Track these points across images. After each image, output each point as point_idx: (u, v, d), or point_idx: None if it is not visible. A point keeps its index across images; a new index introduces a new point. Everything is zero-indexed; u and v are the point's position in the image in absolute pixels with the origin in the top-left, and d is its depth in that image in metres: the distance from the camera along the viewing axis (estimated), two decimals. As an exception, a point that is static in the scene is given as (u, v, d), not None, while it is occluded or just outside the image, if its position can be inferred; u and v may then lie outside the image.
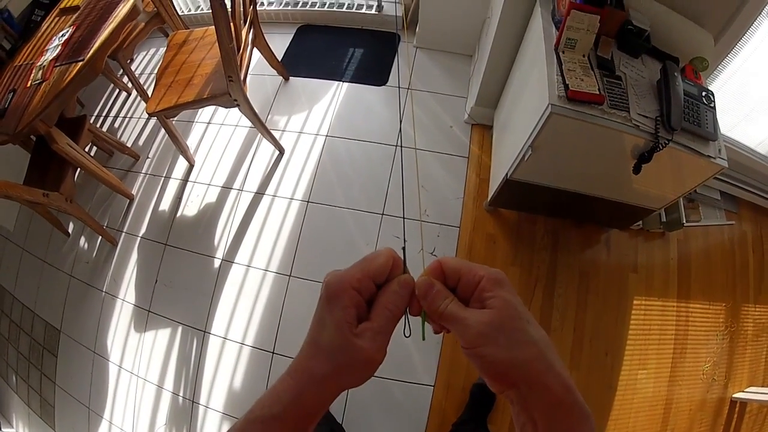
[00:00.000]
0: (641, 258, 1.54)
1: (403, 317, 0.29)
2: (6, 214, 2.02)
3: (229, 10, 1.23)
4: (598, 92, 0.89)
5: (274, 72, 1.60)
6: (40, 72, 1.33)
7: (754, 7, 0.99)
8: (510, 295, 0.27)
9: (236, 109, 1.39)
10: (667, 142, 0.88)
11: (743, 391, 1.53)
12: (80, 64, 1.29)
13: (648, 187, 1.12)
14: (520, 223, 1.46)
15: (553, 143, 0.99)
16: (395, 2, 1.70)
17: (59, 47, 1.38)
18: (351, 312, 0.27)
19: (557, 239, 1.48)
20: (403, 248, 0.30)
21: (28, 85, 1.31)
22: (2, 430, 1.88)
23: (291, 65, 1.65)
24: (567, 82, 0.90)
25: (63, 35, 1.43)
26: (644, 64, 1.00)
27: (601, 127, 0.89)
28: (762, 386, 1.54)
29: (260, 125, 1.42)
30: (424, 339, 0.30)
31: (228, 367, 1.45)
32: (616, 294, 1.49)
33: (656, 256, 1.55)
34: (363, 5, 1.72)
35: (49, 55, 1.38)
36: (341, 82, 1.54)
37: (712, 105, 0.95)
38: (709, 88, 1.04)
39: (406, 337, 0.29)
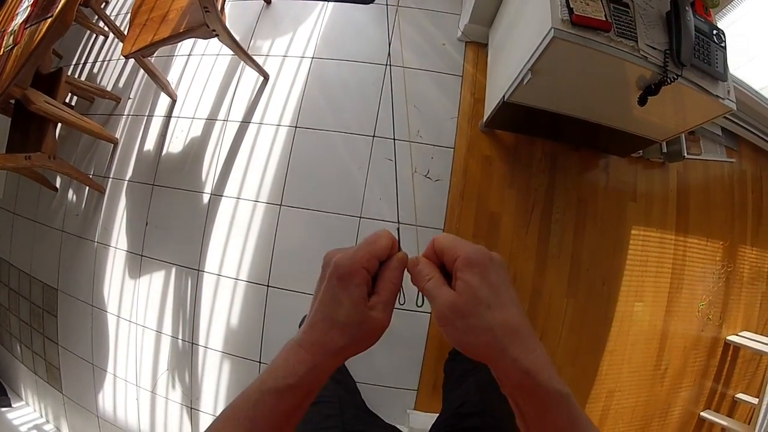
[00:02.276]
0: (640, 187, 1.50)
1: None
2: None
3: None
4: (604, 18, 0.84)
5: (254, -3, 1.52)
6: (12, 38, 1.27)
7: None
8: (477, 279, 0.28)
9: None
10: (676, 76, 0.84)
11: (737, 335, 1.53)
12: (49, 20, 1.22)
13: (651, 119, 1.07)
14: (518, 145, 1.41)
15: (555, 68, 0.94)
16: None
17: (29, 9, 1.31)
18: (364, 289, 0.30)
19: (555, 162, 1.43)
20: (398, 230, 0.35)
21: (1, 53, 1.25)
22: (13, 405, 1.90)
23: (272, -13, 1.56)
24: (571, 6, 0.83)
25: None
26: None
27: (607, 56, 0.85)
28: (756, 333, 1.54)
29: (242, 53, 1.35)
30: (420, 306, 0.34)
31: (224, 305, 1.43)
32: (614, 222, 1.46)
33: (655, 186, 1.52)
34: None
35: (20, 18, 1.31)
36: (327, 2, 1.46)
37: (723, 44, 0.91)
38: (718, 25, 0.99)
39: (401, 304, 0.32)
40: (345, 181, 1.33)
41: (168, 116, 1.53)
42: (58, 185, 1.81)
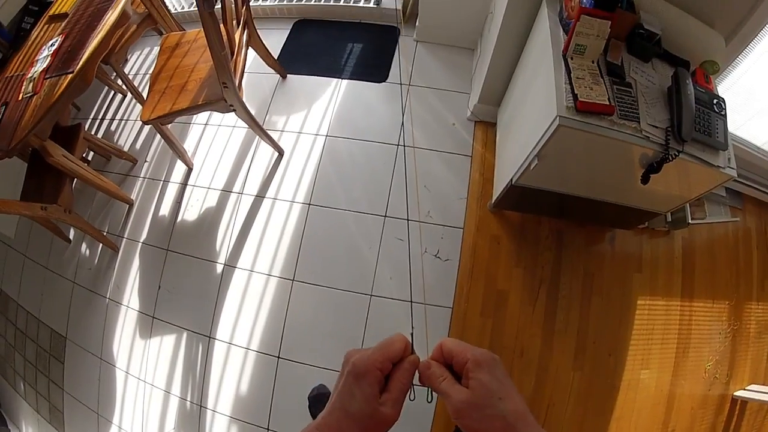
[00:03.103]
0: (645, 257, 1.52)
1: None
2: (6, 221, 2.01)
3: (221, 13, 1.19)
4: (608, 102, 0.86)
5: (271, 70, 1.56)
6: (31, 84, 1.29)
7: (766, 8, 0.95)
8: (488, 377, 0.33)
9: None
10: (677, 153, 0.86)
11: (744, 389, 1.53)
12: (70, 76, 1.26)
13: (655, 192, 1.10)
14: (525, 224, 1.44)
15: (560, 153, 0.97)
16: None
17: (49, 58, 1.34)
18: (376, 387, 0.34)
19: (562, 239, 1.46)
20: (412, 334, 0.38)
21: (20, 98, 1.27)
22: None
23: (288, 62, 1.61)
24: (576, 92, 0.86)
25: (52, 45, 1.40)
26: (655, 69, 0.97)
27: (610, 139, 0.87)
28: (763, 384, 1.55)
29: (258, 128, 1.39)
30: (429, 401, 0.38)
31: (234, 372, 1.45)
32: (620, 294, 1.48)
33: (660, 254, 1.54)
34: (361, -2, 1.67)
35: (39, 66, 1.34)
36: (340, 79, 1.50)
37: (723, 113, 0.93)
38: (719, 88, 1.01)
39: (411, 400, 0.36)
40: (356, 259, 1.36)
41: (184, 184, 1.57)
42: (71, 237, 1.83)
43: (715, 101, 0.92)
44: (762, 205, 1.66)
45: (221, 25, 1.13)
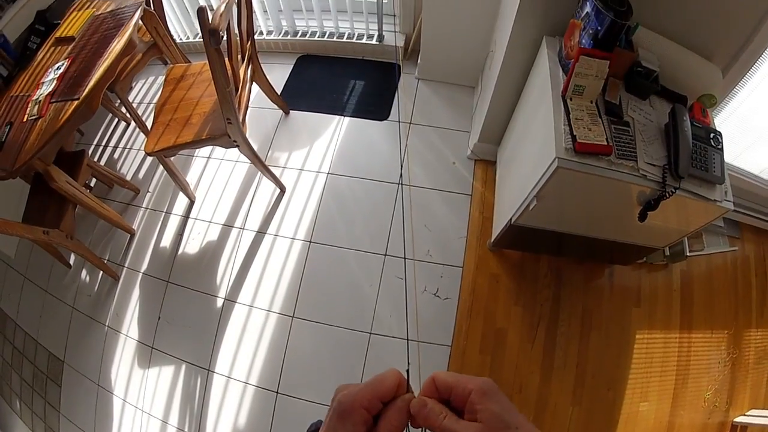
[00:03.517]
0: (644, 291, 1.53)
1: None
2: (6, 241, 2.01)
3: (226, 49, 1.21)
4: (606, 142, 0.87)
5: (274, 106, 1.58)
6: (36, 107, 1.30)
7: (762, 38, 0.96)
8: (497, 406, 0.30)
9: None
10: (674, 190, 0.87)
11: (744, 415, 1.53)
12: (76, 102, 1.26)
13: (653, 228, 1.10)
14: (524, 262, 1.45)
15: (559, 193, 0.98)
16: (395, 32, 1.66)
17: (55, 81, 1.35)
18: (361, 429, 0.30)
19: (560, 276, 1.47)
20: (407, 370, 0.34)
21: (24, 119, 1.28)
22: None
23: (291, 98, 1.63)
24: (574, 133, 0.87)
25: (58, 68, 1.41)
26: (652, 106, 0.98)
27: (608, 179, 0.88)
28: (763, 408, 1.55)
29: (260, 165, 1.40)
30: None
31: (232, 405, 1.45)
32: (618, 329, 1.49)
33: (659, 288, 1.54)
34: (363, 35, 1.70)
35: (45, 89, 1.35)
36: (342, 117, 1.52)
37: (719, 147, 0.93)
38: (716, 119, 1.02)
39: None
40: (356, 297, 1.37)
41: (186, 216, 1.58)
42: (71, 262, 1.84)
43: (711, 135, 0.93)
44: (760, 232, 1.66)
45: (226, 61, 1.15)
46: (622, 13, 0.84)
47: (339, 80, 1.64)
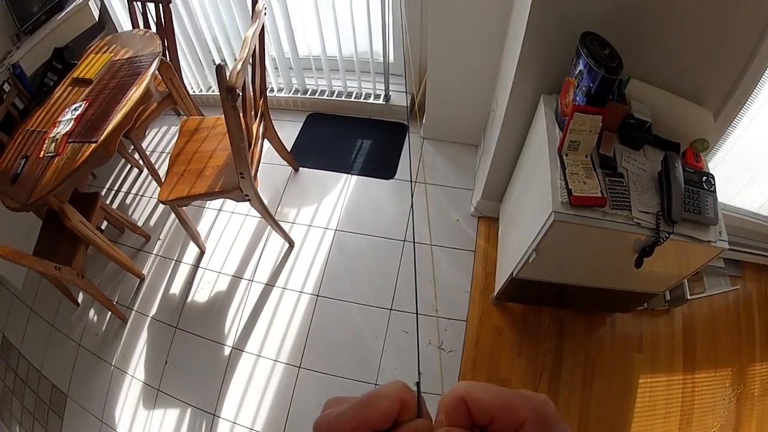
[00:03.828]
0: (646, 337, 1.55)
1: None
2: (15, 271, 2.03)
3: (241, 105, 1.26)
4: (600, 194, 0.90)
5: (284, 162, 1.64)
6: (53, 145, 1.33)
7: (750, 79, 0.99)
8: None
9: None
10: (667, 236, 0.89)
11: None
12: (93, 145, 1.31)
13: (651, 273, 1.11)
14: (526, 314, 1.49)
15: (557, 246, 1.01)
16: (405, 92, 1.73)
17: (72, 122, 1.39)
18: None
19: (563, 327, 1.50)
20: (418, 383, 0.23)
21: (41, 155, 1.32)
22: None
23: (301, 155, 1.69)
24: (570, 187, 0.90)
25: (76, 109, 1.45)
26: (646, 156, 1.01)
27: (603, 229, 0.90)
28: None
29: (270, 219, 1.45)
30: None
31: (237, 453, 1.46)
32: (620, 375, 1.51)
33: (661, 332, 1.56)
34: (371, 95, 1.77)
35: (62, 128, 1.38)
36: (350, 175, 1.58)
37: (712, 189, 0.95)
38: (710, 161, 1.04)
39: None
40: (362, 349, 1.40)
41: (196, 266, 1.62)
42: (80, 300, 1.86)
43: (704, 179, 0.94)
44: (761, 268, 1.66)
45: (241, 116, 1.20)
46: (612, 69, 0.87)
47: (347, 139, 1.71)
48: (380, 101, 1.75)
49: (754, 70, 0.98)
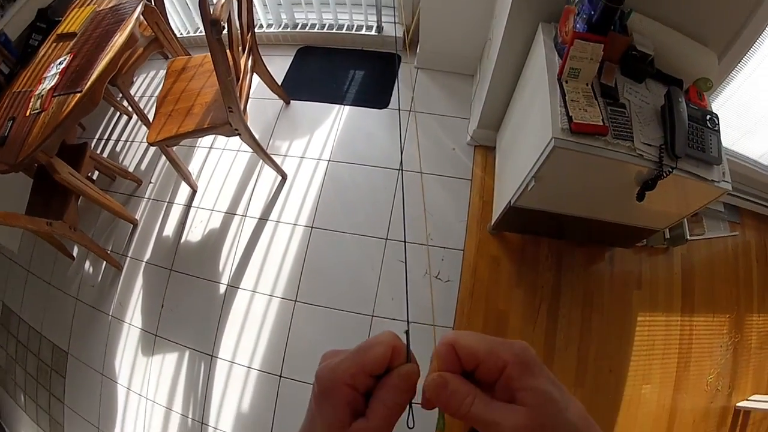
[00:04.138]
0: (645, 274, 1.54)
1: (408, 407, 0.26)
2: (10, 235, 2.03)
3: (227, 40, 1.23)
4: (602, 123, 0.88)
5: (275, 96, 1.60)
6: (39, 101, 1.32)
7: (757, 24, 0.97)
8: (545, 382, 0.23)
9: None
10: (671, 170, 0.88)
11: (747, 400, 1.54)
12: (78, 95, 1.28)
13: (652, 209, 1.11)
14: (524, 245, 1.47)
15: (557, 174, 0.99)
16: (395, 23, 1.69)
17: (57, 76, 1.36)
18: (343, 411, 0.24)
19: (561, 259, 1.49)
20: (407, 332, 0.26)
21: (27, 113, 1.30)
22: None
23: (292, 89, 1.65)
24: (570, 114, 0.88)
25: (61, 63, 1.42)
26: (648, 89, 0.99)
27: (605, 159, 0.89)
28: (765, 394, 1.55)
29: (262, 153, 1.42)
30: (443, 430, 0.26)
31: (236, 390, 1.46)
32: (620, 312, 1.50)
33: (660, 271, 1.55)
34: (363, 26, 1.72)
35: (47, 83, 1.36)
36: (342, 106, 1.54)
37: (716, 128, 0.94)
38: (713, 104, 1.02)
39: (409, 428, 0.25)
40: (358, 280, 1.39)
41: (188, 205, 1.60)
42: (75, 254, 1.85)
43: (708, 117, 0.93)
44: (761, 218, 1.66)
45: (227, 51, 1.17)
46: (614, -3, 0.85)
47: (339, 71, 1.67)
48: (372, 32, 1.70)
49: (761, 15, 0.95)
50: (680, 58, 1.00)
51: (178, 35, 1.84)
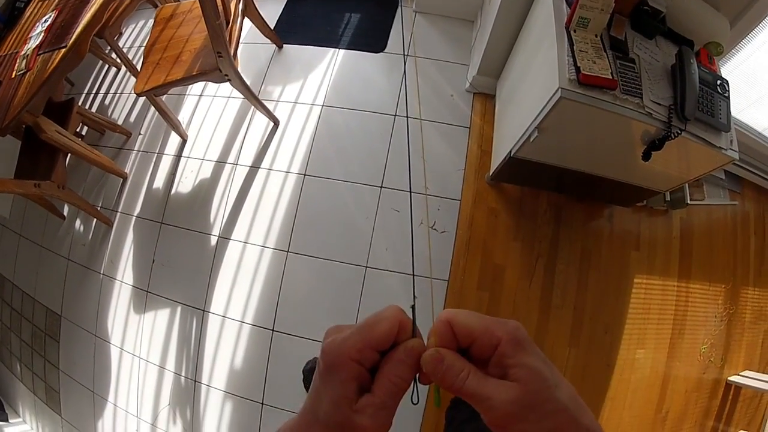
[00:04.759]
0: (643, 235, 1.51)
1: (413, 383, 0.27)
2: (1, 202, 1.99)
3: None
4: (611, 76, 0.84)
5: (267, 40, 1.54)
6: (24, 61, 1.27)
7: None
8: (535, 359, 0.24)
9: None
10: (680, 131, 0.85)
11: (739, 375, 1.53)
12: (63, 50, 1.23)
13: (655, 170, 1.08)
14: (523, 197, 1.42)
15: (561, 126, 0.95)
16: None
17: (42, 34, 1.32)
18: (350, 386, 0.24)
19: (560, 214, 1.45)
20: (413, 307, 0.26)
21: (13, 76, 1.25)
22: (10, 420, 1.91)
23: (284, 32, 1.58)
24: (578, 65, 0.84)
25: (45, 21, 1.37)
26: (658, 47, 0.95)
27: (612, 114, 0.85)
28: (758, 372, 1.55)
29: (253, 98, 1.37)
30: (438, 405, 0.27)
31: (228, 346, 1.44)
32: (617, 272, 1.48)
33: (658, 233, 1.53)
34: (358, -31, 1.64)
35: (33, 43, 1.32)
36: (337, 49, 1.48)
37: (726, 95, 0.92)
38: (721, 70, 0.99)
39: (413, 404, 0.26)
40: (352, 230, 1.35)
41: (178, 155, 1.55)
42: (65, 213, 1.82)
43: (718, 82, 0.90)
44: (761, 190, 1.65)
45: None
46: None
47: (334, 13, 1.60)
48: (368, -26, 1.63)
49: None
50: (692, 18, 0.96)
51: (167, -17, 1.77)
